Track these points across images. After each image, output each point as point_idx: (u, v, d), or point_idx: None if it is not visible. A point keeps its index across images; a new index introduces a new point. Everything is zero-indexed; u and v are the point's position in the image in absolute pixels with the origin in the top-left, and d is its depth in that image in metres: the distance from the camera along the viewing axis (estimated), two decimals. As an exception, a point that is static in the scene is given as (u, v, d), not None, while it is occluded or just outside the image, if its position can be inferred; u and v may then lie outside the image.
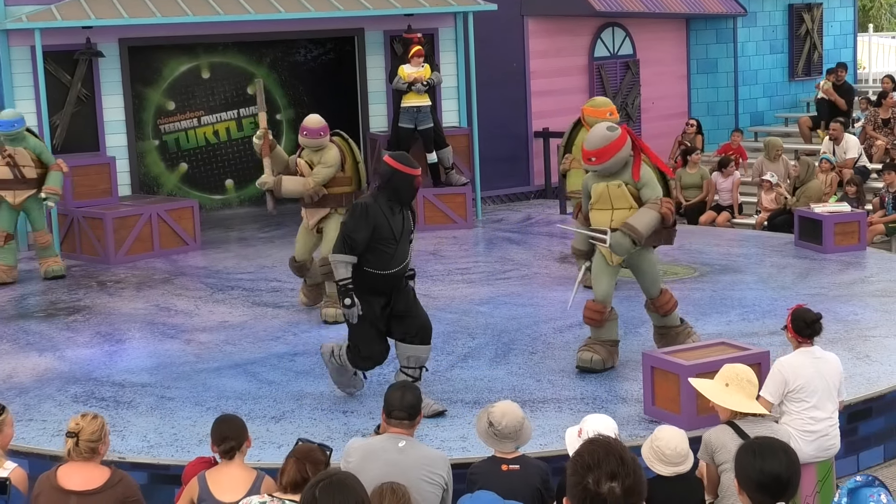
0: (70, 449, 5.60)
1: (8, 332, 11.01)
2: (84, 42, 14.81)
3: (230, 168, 17.23)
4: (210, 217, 16.42)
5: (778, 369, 6.96)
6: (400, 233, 8.15)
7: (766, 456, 4.06)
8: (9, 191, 12.92)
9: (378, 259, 8.09)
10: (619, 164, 8.72)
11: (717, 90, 20.29)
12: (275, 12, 14.88)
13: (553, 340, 10.06)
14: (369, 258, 8.07)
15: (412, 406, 5.81)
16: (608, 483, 3.10)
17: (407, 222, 8.26)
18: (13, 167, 12.86)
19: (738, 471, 4.11)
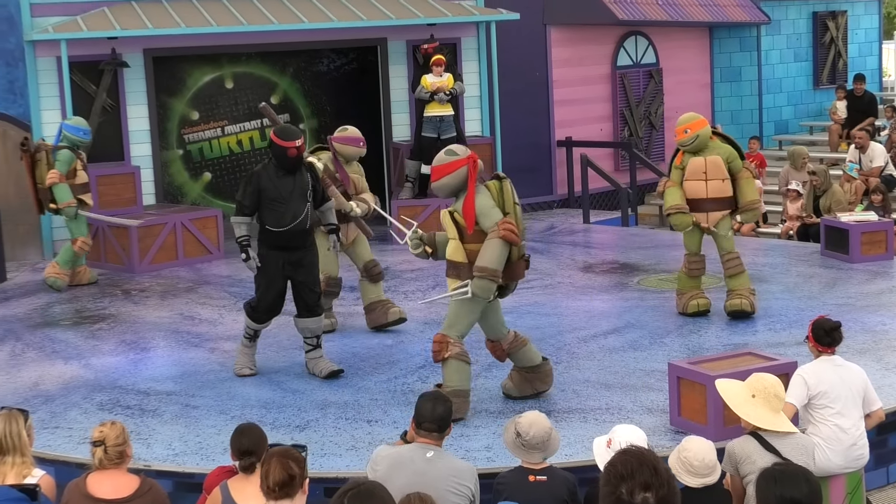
0: (100, 458, 5.61)
1: (34, 341, 11.06)
2: (109, 53, 14.88)
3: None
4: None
5: (799, 374, 6.93)
6: (289, 193, 9.26)
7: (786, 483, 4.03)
8: (88, 194, 13.12)
9: (273, 217, 9.25)
10: (446, 190, 8.31)
11: (740, 99, 20.24)
12: (298, 22, 14.92)
13: (577, 350, 10.03)
14: (267, 217, 9.29)
15: (442, 418, 5.79)
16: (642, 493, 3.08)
17: (299, 186, 9.31)
18: (86, 172, 13.11)
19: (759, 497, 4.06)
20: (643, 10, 18.21)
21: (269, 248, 9.35)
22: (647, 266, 13.26)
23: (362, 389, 9.21)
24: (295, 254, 9.37)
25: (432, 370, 9.58)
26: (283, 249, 9.33)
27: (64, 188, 12.77)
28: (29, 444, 5.90)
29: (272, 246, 9.33)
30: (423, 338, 10.56)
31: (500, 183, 8.23)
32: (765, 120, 20.36)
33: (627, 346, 10.08)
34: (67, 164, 12.83)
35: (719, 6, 19.61)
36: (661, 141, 19.38)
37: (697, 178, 10.58)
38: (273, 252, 9.33)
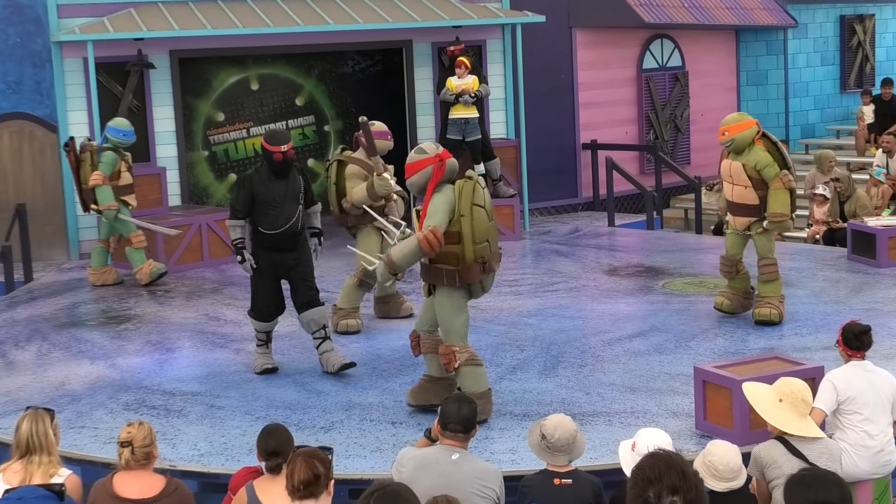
0: (127, 458, 5.63)
1: (61, 341, 11.11)
2: (135, 54, 14.94)
3: (278, 179, 17.28)
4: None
5: (828, 380, 6.90)
6: (282, 196, 9.46)
7: (817, 487, 3.99)
8: (131, 195, 13.24)
9: (266, 220, 9.48)
10: (415, 188, 8.21)
11: (767, 102, 20.16)
12: (324, 24, 14.94)
13: (602, 353, 10.01)
14: (260, 220, 9.51)
15: (468, 419, 5.79)
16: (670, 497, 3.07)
17: (291, 189, 9.51)
18: (130, 173, 13.22)
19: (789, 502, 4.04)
20: (669, 14, 18.16)
21: (263, 250, 9.60)
22: (673, 269, 13.22)
23: (387, 391, 9.22)
24: (287, 255, 9.60)
25: (457, 372, 9.58)
26: (275, 251, 9.58)
27: (106, 190, 12.88)
28: (55, 443, 5.92)
29: (265, 247, 9.58)
30: (448, 340, 10.56)
31: (463, 183, 8.13)
32: (791, 124, 20.28)
33: (652, 349, 10.06)
34: (111, 166, 12.95)
35: (746, 9, 19.54)
36: (686, 144, 19.33)
37: (726, 181, 10.55)
38: (266, 253, 9.59)
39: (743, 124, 10.36)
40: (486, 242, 8.12)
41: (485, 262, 8.16)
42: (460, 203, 8.02)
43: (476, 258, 8.10)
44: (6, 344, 11.10)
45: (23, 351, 10.84)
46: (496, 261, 8.31)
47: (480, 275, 8.19)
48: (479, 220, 8.07)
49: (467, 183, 8.08)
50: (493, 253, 8.23)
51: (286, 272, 9.68)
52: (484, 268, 8.19)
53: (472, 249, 8.06)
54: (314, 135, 17.47)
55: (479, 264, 8.14)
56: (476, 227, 8.05)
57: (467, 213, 8.03)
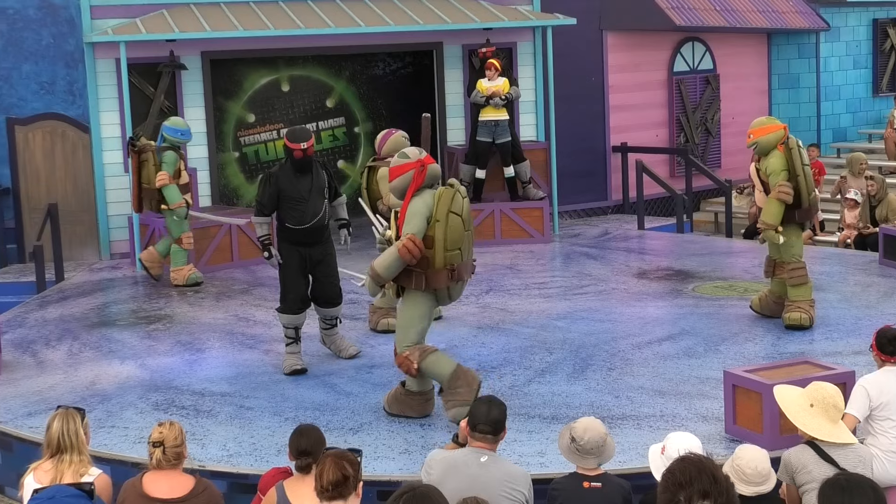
0: (158, 458, 5.65)
1: (91, 340, 11.17)
2: (168, 55, 15.02)
3: (308, 180, 17.33)
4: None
5: (861, 385, 6.85)
6: (308, 191, 9.67)
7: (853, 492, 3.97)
8: (189, 193, 13.41)
9: (294, 215, 9.68)
10: (397, 192, 8.27)
11: (798, 106, 20.06)
12: (355, 26, 14.97)
13: (631, 357, 9.98)
14: (288, 216, 9.71)
15: (497, 421, 5.78)
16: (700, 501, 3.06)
17: (316, 184, 9.71)
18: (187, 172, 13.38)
19: None
20: (701, 16, 18.09)
21: (291, 244, 9.80)
22: (703, 273, 13.17)
23: (415, 393, 9.21)
24: (314, 249, 9.81)
25: (485, 375, 9.58)
26: (303, 245, 9.79)
27: (174, 189, 13.07)
28: (86, 442, 5.96)
29: (293, 242, 9.78)
30: (477, 342, 10.57)
31: (444, 190, 8.12)
32: (823, 127, 20.16)
33: (682, 353, 10.02)
34: (173, 165, 13.13)
35: (778, 12, 19.44)
36: (717, 147, 19.25)
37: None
38: (294, 247, 9.79)
39: (768, 128, 10.34)
40: (458, 251, 8.15)
41: (453, 269, 8.16)
42: (437, 208, 8.05)
43: (445, 264, 8.12)
44: (37, 343, 11.18)
45: (54, 350, 10.91)
46: (467, 271, 8.33)
47: (448, 282, 8.20)
48: (454, 227, 8.09)
49: (447, 190, 8.12)
50: (464, 263, 8.24)
51: (313, 266, 9.89)
52: (452, 275, 8.19)
53: (442, 256, 8.09)
54: (344, 136, 17.51)
55: (448, 271, 8.15)
56: (449, 234, 8.07)
57: (442, 219, 8.06)
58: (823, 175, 17.56)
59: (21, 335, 11.48)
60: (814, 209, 10.64)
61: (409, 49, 16.67)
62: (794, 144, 10.31)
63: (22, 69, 15.03)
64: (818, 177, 17.16)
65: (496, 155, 15.27)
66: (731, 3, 18.90)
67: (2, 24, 14.99)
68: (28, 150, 15.06)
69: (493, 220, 15.11)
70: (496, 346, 10.45)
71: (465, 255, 8.23)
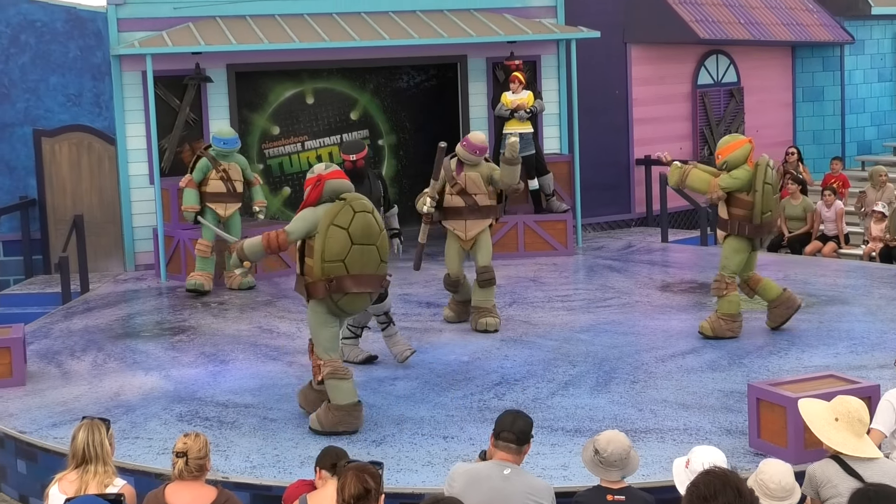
0: (181, 469, 5.67)
1: (116, 351, 11.22)
2: (193, 67, 15.10)
3: (332, 192, 17.36)
4: (312, 241, 16.56)
5: (887, 400, 6.81)
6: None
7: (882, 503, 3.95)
8: (220, 203, 13.53)
9: None
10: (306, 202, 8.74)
11: (823, 119, 19.99)
12: (379, 39, 15.01)
13: (655, 370, 9.96)
14: None
15: (522, 431, 5.78)
16: (724, 516, 3.05)
17: (373, 194, 10.03)
18: (226, 181, 13.54)
19: None
20: (725, 30, 18.07)
21: None
22: (727, 286, 13.11)
23: (438, 405, 9.22)
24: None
25: (508, 387, 9.58)
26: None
27: (190, 193, 13.50)
28: (111, 453, 5.98)
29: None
30: (500, 355, 10.57)
31: (332, 204, 8.46)
32: (847, 140, 20.08)
33: (706, 366, 9.99)
34: (201, 172, 13.56)
35: (802, 25, 19.40)
36: (741, 160, 19.18)
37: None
38: None
39: (733, 145, 10.64)
40: (339, 263, 8.34)
41: (331, 280, 8.34)
42: (321, 220, 8.36)
43: (323, 275, 8.33)
44: (62, 354, 11.24)
45: (78, 361, 10.96)
46: (358, 285, 8.46)
47: (325, 293, 8.39)
48: (334, 239, 8.32)
49: (336, 204, 8.42)
50: (351, 276, 8.40)
51: None
52: (330, 287, 8.36)
53: (319, 266, 8.33)
54: (368, 149, 17.51)
55: (325, 283, 8.34)
56: (328, 245, 8.31)
57: (322, 231, 8.33)
58: (847, 188, 17.49)
59: (46, 346, 11.54)
60: (766, 229, 10.83)
61: (434, 62, 16.70)
62: (763, 163, 10.52)
63: (49, 81, 15.14)
64: (842, 190, 17.11)
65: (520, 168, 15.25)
66: (755, 17, 18.87)
67: (30, 36, 15.10)
68: (54, 162, 15.16)
69: (516, 232, 15.11)
70: (519, 358, 10.45)
71: (353, 269, 8.41)
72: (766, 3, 19.37)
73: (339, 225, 8.35)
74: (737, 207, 10.58)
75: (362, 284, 8.49)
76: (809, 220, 16.14)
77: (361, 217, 8.42)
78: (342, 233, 8.34)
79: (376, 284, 8.64)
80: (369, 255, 8.48)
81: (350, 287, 8.43)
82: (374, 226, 8.50)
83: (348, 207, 8.41)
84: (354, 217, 8.39)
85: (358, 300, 8.58)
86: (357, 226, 8.39)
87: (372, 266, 8.51)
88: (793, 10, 19.64)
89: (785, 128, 19.88)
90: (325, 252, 8.32)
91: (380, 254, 8.57)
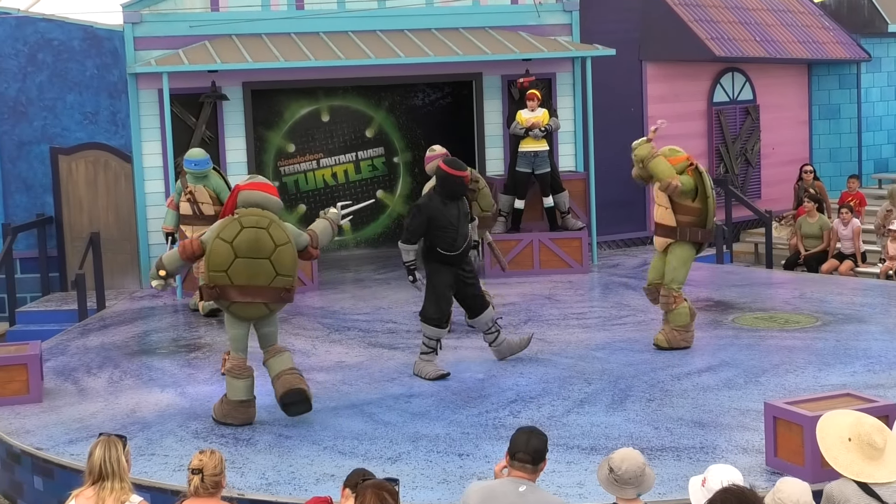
0: (196, 486, 5.67)
1: (132, 368, 11.24)
2: (209, 85, 15.15)
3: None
4: (327, 258, 16.60)
5: None
6: (457, 219, 10.30)
7: None
8: (188, 225, 13.41)
9: (445, 241, 10.26)
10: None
11: (839, 136, 19.95)
12: (394, 56, 15.05)
13: (671, 388, 9.93)
14: (439, 242, 10.25)
15: (537, 450, 5.75)
16: (741, 534, 3.03)
17: (462, 210, 10.40)
18: (192, 203, 13.35)
19: None
20: (741, 47, 18.06)
21: (441, 264, 10.39)
22: (742, 304, 13.10)
23: (454, 423, 9.21)
24: (463, 270, 10.49)
25: (524, 405, 9.57)
26: (453, 265, 10.41)
27: (169, 213, 13.56)
28: (127, 469, 5.99)
29: (444, 262, 10.39)
30: (515, 373, 10.55)
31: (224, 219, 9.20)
32: (864, 158, 20.03)
33: (722, 384, 9.96)
34: (178, 194, 13.48)
35: (818, 43, 19.38)
36: (757, 178, 19.16)
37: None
38: (445, 266, 10.39)
39: (673, 160, 10.90)
40: (222, 273, 9.00)
41: (213, 287, 9.07)
42: (211, 232, 9.14)
43: (210, 283, 9.09)
44: (79, 371, 11.26)
45: (95, 378, 10.98)
46: (242, 295, 9.06)
47: (209, 298, 9.21)
48: (216, 252, 9.01)
49: (227, 218, 9.17)
50: (235, 286, 9.04)
51: (462, 287, 10.53)
52: (213, 293, 9.08)
53: (207, 273, 9.14)
54: (383, 167, 17.57)
55: (209, 289, 9.11)
56: (212, 257, 9.04)
57: (209, 242, 9.07)
58: (864, 206, 17.44)
59: (63, 363, 11.57)
60: (711, 236, 11.22)
61: (449, 79, 16.73)
62: (703, 170, 11.01)
63: (66, 99, 15.22)
64: (859, 208, 17.06)
65: (535, 185, 15.27)
66: (771, 34, 18.86)
67: (47, 55, 15.19)
68: (71, 180, 15.22)
69: (531, 250, 15.10)
70: (535, 376, 10.43)
71: (238, 280, 9.02)
72: (782, 21, 19.36)
73: (224, 238, 8.99)
74: (684, 214, 10.90)
75: (248, 295, 9.04)
76: (826, 238, 16.10)
77: (249, 232, 8.98)
78: (225, 246, 8.98)
79: (269, 296, 9.10)
80: (258, 268, 9.01)
81: (234, 297, 9.06)
82: (264, 241, 9.01)
83: (236, 222, 9.03)
84: (241, 232, 8.98)
85: (250, 308, 9.14)
86: (242, 240, 8.98)
87: (262, 279, 9.03)
88: (809, 28, 19.63)
89: (801, 145, 19.85)
90: (209, 262, 9.05)
91: (274, 267, 9.03)
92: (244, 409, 9.30)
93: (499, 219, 15.43)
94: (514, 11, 16.30)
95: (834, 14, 20.50)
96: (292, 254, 9.14)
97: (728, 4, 18.93)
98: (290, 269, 9.11)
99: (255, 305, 9.10)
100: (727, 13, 18.69)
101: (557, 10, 16.41)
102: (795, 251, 16.34)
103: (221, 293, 9.05)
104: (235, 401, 9.27)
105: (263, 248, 8.99)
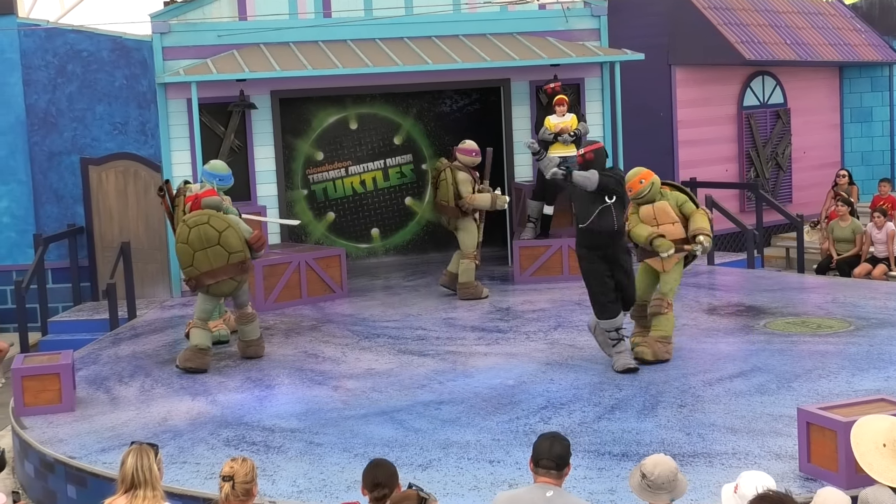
0: (227, 493, 5.67)
1: (163, 377, 11.28)
2: (238, 94, 15.20)
3: (376, 217, 17.44)
4: (356, 265, 16.61)
5: None
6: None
7: None
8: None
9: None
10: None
11: (871, 139, 19.82)
12: (422, 63, 15.05)
13: (702, 393, 9.86)
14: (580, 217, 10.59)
15: (560, 456, 5.73)
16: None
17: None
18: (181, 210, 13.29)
19: None
20: (771, 51, 17.97)
21: (587, 249, 10.60)
22: (774, 309, 13.01)
23: (484, 430, 9.18)
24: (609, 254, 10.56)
25: (554, 411, 9.53)
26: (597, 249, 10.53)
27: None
28: (159, 478, 5.99)
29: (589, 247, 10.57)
30: (545, 379, 10.51)
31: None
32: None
33: (754, 389, 9.89)
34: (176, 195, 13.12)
35: (850, 45, 19.27)
36: (788, 182, 19.07)
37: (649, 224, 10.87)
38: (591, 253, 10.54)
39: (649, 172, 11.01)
40: (191, 268, 11.16)
41: (189, 280, 11.27)
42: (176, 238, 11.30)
43: (186, 278, 11.33)
44: (110, 380, 11.31)
45: (126, 387, 11.02)
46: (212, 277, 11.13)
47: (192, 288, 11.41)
48: (179, 253, 11.24)
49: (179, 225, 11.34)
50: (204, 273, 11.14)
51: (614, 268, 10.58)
52: (192, 285, 11.31)
53: (181, 271, 11.42)
54: (412, 173, 17.58)
55: (189, 282, 11.29)
56: (179, 258, 11.27)
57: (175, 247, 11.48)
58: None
59: (94, 372, 11.62)
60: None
61: (477, 86, 16.72)
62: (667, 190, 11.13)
63: (96, 110, 15.31)
64: (892, 211, 16.93)
65: (565, 191, 15.21)
66: (801, 37, 18.76)
67: (76, 66, 15.28)
68: (101, 190, 15.30)
69: (560, 255, 15.05)
70: (565, 382, 10.39)
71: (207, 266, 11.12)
72: (813, 24, 19.27)
73: (180, 241, 11.20)
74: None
75: (216, 276, 11.16)
76: (858, 243, 15.98)
77: (196, 230, 11.07)
78: (183, 247, 11.16)
79: (233, 271, 11.15)
80: (214, 254, 11.09)
81: (206, 281, 11.19)
82: (210, 231, 11.06)
83: (184, 225, 11.17)
84: (190, 232, 11.09)
85: (222, 286, 11.24)
86: (193, 237, 11.07)
87: (220, 260, 11.09)
88: (840, 30, 19.52)
89: (833, 149, 19.74)
90: (180, 263, 11.30)
91: (225, 249, 11.06)
92: (202, 356, 11.17)
93: (528, 224, 15.40)
94: (542, 17, 16.27)
95: (865, 16, 20.38)
96: (235, 234, 11.10)
97: (758, 7, 18.85)
98: (239, 247, 11.11)
99: (225, 282, 11.19)
100: (757, 16, 18.62)
101: (585, 15, 16.37)
102: (827, 255, 16.23)
103: (198, 282, 11.16)
104: (198, 347, 11.14)
105: (210, 237, 11.05)
